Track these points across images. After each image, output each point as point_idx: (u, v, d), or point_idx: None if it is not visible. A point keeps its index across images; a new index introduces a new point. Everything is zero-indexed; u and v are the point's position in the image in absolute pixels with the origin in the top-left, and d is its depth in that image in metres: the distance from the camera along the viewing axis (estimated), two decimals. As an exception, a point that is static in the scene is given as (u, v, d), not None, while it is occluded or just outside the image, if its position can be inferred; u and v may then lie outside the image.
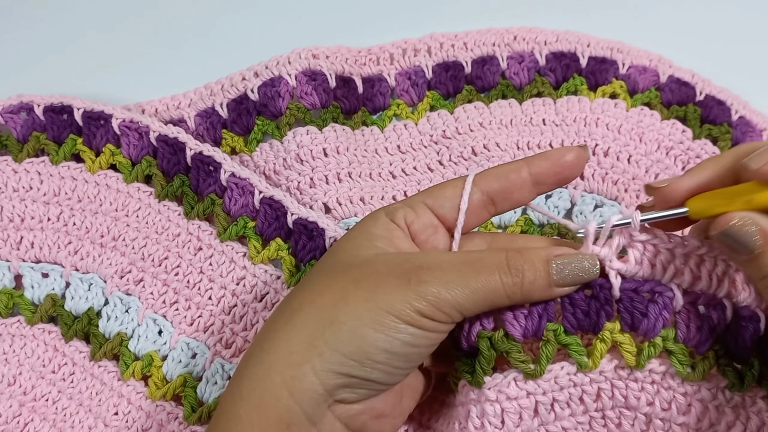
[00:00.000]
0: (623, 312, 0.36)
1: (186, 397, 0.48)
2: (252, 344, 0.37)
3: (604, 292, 0.36)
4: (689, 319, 0.36)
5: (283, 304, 0.37)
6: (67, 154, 0.54)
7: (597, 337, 0.36)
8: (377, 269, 0.35)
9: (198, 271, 0.51)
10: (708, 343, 0.36)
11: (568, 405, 0.37)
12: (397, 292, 0.34)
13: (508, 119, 0.55)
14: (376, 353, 0.34)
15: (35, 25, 0.64)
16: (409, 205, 0.38)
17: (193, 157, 0.53)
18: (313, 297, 0.35)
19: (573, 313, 0.36)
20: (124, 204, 0.53)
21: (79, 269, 0.52)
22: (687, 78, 0.56)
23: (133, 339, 0.50)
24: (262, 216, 0.51)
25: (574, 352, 0.36)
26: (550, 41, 0.57)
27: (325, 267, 0.37)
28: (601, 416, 0.37)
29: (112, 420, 0.48)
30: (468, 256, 0.36)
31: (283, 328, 0.35)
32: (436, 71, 0.58)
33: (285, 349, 0.34)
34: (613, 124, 0.54)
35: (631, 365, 0.36)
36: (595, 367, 0.36)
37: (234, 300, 0.50)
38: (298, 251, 0.50)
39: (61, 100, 0.55)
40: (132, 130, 0.54)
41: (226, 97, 0.57)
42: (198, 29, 0.63)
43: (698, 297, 0.36)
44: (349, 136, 0.56)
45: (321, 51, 0.57)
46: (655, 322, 0.35)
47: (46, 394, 0.49)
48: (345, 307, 0.34)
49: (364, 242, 0.37)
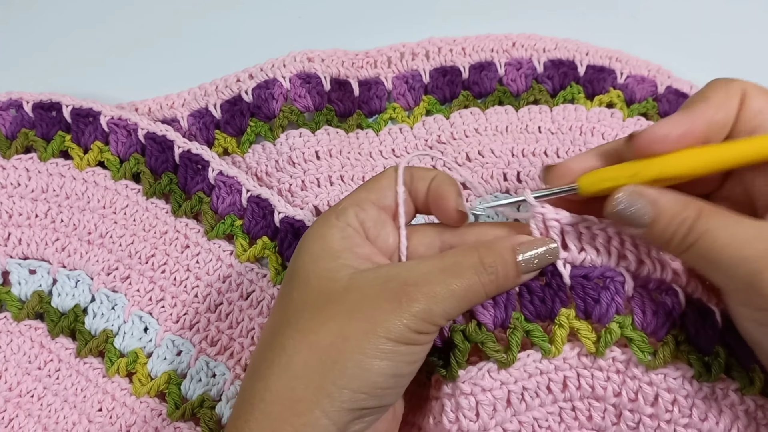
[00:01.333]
0: (576, 299, 0.37)
1: (170, 394, 0.48)
2: (248, 393, 0.35)
3: (557, 280, 0.37)
4: (644, 305, 0.36)
5: (273, 347, 0.35)
6: (56, 151, 0.54)
7: (555, 323, 0.37)
8: (365, 294, 0.34)
9: (185, 268, 0.51)
10: (665, 329, 0.36)
11: (537, 394, 0.37)
12: (392, 316, 0.33)
13: (503, 126, 0.55)
14: (385, 381, 0.34)
15: (27, 22, 0.64)
16: (356, 203, 0.38)
17: (181, 155, 0.53)
18: (307, 338, 0.34)
19: (530, 300, 0.37)
20: (112, 201, 0.53)
21: (66, 266, 0.52)
22: (685, 89, 0.56)
23: (119, 336, 0.50)
24: (249, 214, 0.51)
25: (536, 338, 0.37)
26: (549, 48, 0.57)
27: (304, 298, 0.36)
28: (570, 407, 0.38)
29: (96, 416, 0.48)
30: (445, 261, 0.36)
31: (283, 376, 0.34)
32: (433, 76, 0.58)
33: (289, 397, 0.33)
34: (608, 133, 0.54)
35: (592, 352, 0.37)
36: (558, 353, 0.37)
37: (220, 298, 0.50)
38: (284, 250, 0.51)
39: (50, 97, 0.55)
40: (120, 128, 0.54)
41: (219, 97, 0.57)
42: (198, 29, 0.63)
43: (648, 281, 0.37)
44: (342, 139, 0.56)
45: (316, 54, 0.57)
46: (608, 307, 0.36)
47: (32, 390, 0.49)
48: (345, 344, 0.33)
49: (331, 263, 0.36)
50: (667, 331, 0.36)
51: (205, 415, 0.47)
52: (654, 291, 0.37)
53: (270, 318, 0.37)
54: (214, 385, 0.48)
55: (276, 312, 0.37)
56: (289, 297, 0.36)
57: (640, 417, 0.37)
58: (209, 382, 0.49)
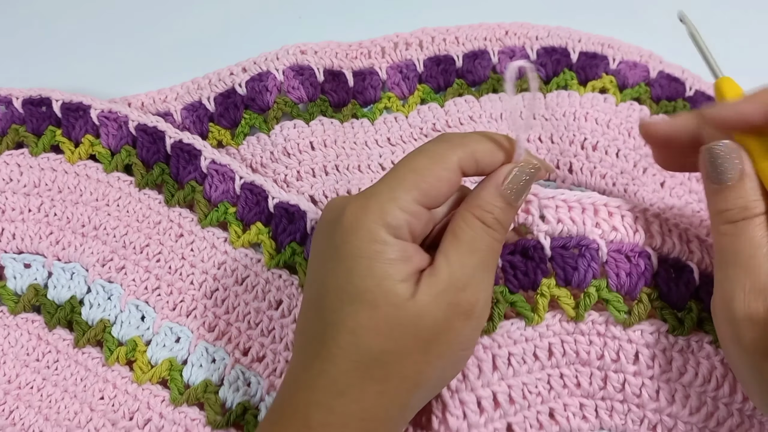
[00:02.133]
0: (557, 268, 0.40)
1: (172, 381, 0.48)
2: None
3: (538, 252, 0.40)
4: (618, 268, 0.39)
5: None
6: (47, 146, 0.55)
7: (537, 293, 0.40)
8: (436, 318, 0.34)
9: (179, 257, 0.52)
10: (638, 288, 0.39)
11: (524, 360, 0.40)
12: (465, 329, 0.35)
13: (498, 113, 0.56)
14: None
15: (17, 18, 0.64)
16: (408, 211, 0.34)
17: (173, 146, 0.53)
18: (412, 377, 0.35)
19: (514, 274, 0.40)
20: (105, 193, 0.54)
21: (61, 259, 0.53)
22: (677, 74, 0.56)
23: (116, 325, 0.50)
24: (242, 201, 0.52)
25: (520, 308, 0.40)
26: (542, 36, 0.58)
27: (377, 326, 0.33)
28: (558, 374, 0.41)
29: (98, 404, 0.48)
30: (478, 258, 0.35)
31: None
32: (427, 65, 0.58)
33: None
34: (602, 118, 0.54)
35: (573, 317, 0.40)
36: (541, 320, 0.40)
37: (216, 284, 0.51)
38: (278, 234, 0.51)
39: (40, 93, 0.56)
40: (111, 120, 0.54)
41: (213, 91, 0.57)
42: (197, 30, 0.63)
43: (621, 246, 0.39)
44: (337, 129, 0.56)
45: (309, 47, 0.58)
46: (585, 273, 0.39)
47: (31, 381, 0.49)
48: (428, 369, 0.35)
49: (397, 286, 0.33)
50: (641, 291, 0.39)
51: (210, 399, 0.48)
52: (628, 254, 0.39)
53: (335, 346, 0.34)
54: (215, 371, 0.49)
55: (347, 344, 0.34)
56: (354, 320, 0.34)
57: (625, 377, 0.40)
58: (210, 368, 0.49)
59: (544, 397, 0.40)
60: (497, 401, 0.40)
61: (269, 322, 0.50)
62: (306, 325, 0.36)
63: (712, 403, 0.39)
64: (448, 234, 0.36)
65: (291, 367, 0.37)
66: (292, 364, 0.37)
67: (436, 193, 0.35)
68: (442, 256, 0.35)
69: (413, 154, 0.36)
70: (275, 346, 0.49)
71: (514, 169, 0.36)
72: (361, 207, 0.34)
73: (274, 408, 0.37)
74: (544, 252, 0.40)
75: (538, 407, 0.41)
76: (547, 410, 0.41)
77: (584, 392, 0.41)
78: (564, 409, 0.41)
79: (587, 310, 0.40)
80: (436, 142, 0.36)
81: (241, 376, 0.48)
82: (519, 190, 0.36)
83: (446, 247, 0.35)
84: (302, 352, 0.36)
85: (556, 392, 0.41)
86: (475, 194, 0.36)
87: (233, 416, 0.47)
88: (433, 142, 0.37)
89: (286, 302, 0.50)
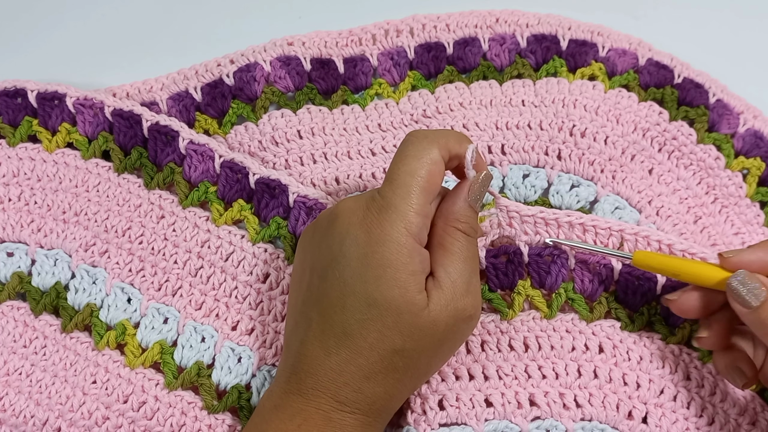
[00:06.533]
0: (532, 272, 0.47)
1: (165, 365, 0.48)
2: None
3: (518, 257, 0.47)
4: (583, 275, 0.47)
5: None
6: (24, 136, 0.55)
7: (514, 292, 0.47)
8: (448, 325, 0.41)
9: (162, 238, 0.52)
10: (598, 292, 0.47)
11: (498, 349, 0.47)
12: (469, 330, 0.44)
13: (488, 100, 0.56)
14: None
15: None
16: (422, 214, 0.40)
17: (150, 128, 0.54)
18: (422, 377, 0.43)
19: (495, 275, 0.47)
20: (84, 180, 0.54)
21: (44, 246, 0.52)
22: (665, 61, 0.57)
23: (103, 309, 0.50)
24: (223, 179, 0.52)
25: (497, 304, 0.47)
26: (532, 24, 0.58)
27: (401, 331, 0.39)
28: (536, 366, 0.46)
29: (91, 388, 0.48)
30: (469, 265, 0.41)
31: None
32: (418, 52, 0.59)
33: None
34: (590, 105, 0.54)
35: (545, 315, 0.47)
36: (515, 316, 0.47)
37: (200, 262, 0.51)
38: (260, 210, 0.51)
39: (14, 84, 0.56)
40: (87, 108, 0.55)
41: (200, 81, 0.57)
42: (197, 30, 0.63)
43: (588, 258, 0.47)
44: (325, 116, 0.56)
45: (297, 38, 0.58)
46: (556, 276, 0.47)
47: (19, 368, 0.49)
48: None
49: (417, 296, 0.39)
50: (600, 294, 0.47)
51: (204, 384, 0.48)
52: (593, 264, 0.47)
53: (357, 346, 0.40)
54: (206, 350, 0.49)
55: (374, 341, 0.39)
56: (382, 322, 0.39)
57: (595, 366, 0.46)
58: (200, 348, 0.49)
59: (521, 383, 0.46)
60: (471, 374, 0.46)
61: (257, 295, 0.50)
62: (323, 319, 0.40)
63: (674, 388, 0.46)
64: (438, 249, 0.41)
65: (307, 350, 0.41)
66: (307, 348, 0.41)
67: (435, 188, 0.40)
68: (442, 270, 0.40)
69: (401, 159, 0.40)
70: (263, 318, 0.49)
71: (474, 184, 0.42)
72: (387, 220, 0.39)
73: (290, 381, 0.41)
74: (522, 257, 0.47)
75: (517, 389, 0.45)
76: (527, 395, 0.45)
77: (562, 383, 0.46)
78: (544, 396, 0.45)
79: (558, 307, 0.47)
80: (413, 142, 0.40)
81: (231, 353, 0.49)
82: (480, 196, 0.42)
83: (441, 260, 0.41)
84: (320, 339, 0.40)
85: (534, 381, 0.46)
86: (448, 210, 0.42)
87: (229, 401, 0.47)
88: (410, 142, 0.40)
89: (273, 275, 0.50)
